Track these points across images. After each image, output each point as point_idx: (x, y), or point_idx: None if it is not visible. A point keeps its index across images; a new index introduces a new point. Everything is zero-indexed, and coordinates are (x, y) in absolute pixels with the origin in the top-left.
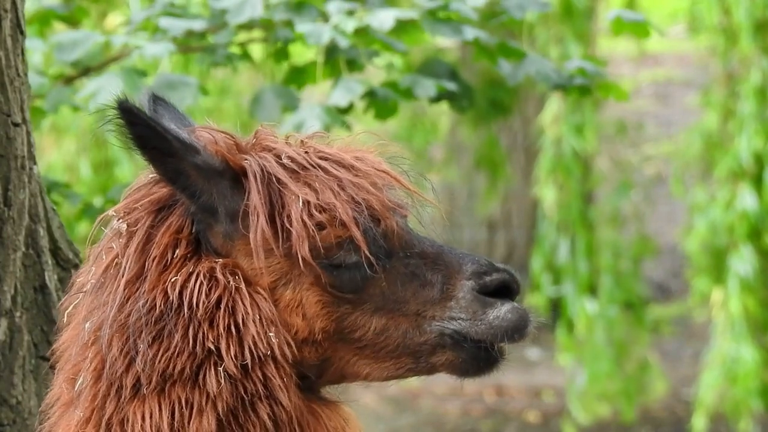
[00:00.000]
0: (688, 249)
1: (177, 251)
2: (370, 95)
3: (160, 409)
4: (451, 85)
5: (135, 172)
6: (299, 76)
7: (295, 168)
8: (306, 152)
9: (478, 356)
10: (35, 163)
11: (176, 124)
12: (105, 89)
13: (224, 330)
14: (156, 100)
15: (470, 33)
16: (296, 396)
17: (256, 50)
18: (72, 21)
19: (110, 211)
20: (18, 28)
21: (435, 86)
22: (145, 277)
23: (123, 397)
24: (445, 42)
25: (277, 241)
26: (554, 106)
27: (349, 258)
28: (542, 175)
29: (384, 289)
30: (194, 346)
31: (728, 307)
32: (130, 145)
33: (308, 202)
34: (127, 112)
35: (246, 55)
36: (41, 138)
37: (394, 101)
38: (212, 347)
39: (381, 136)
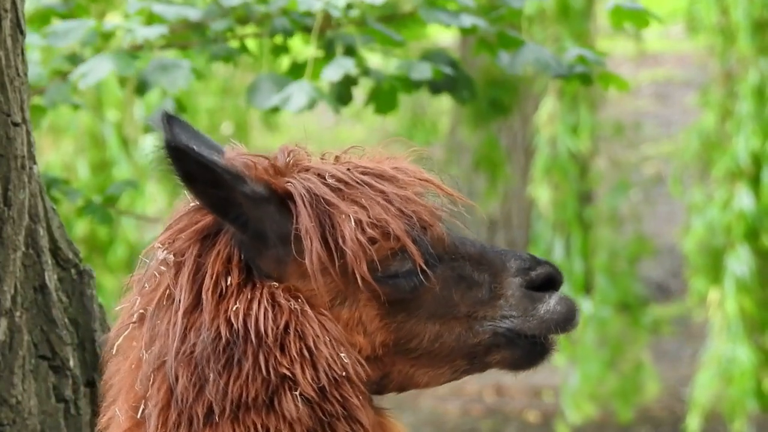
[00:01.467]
0: (686, 249)
1: (230, 279)
2: (365, 75)
3: None
4: (447, 69)
5: (133, 173)
6: (299, 72)
7: (340, 186)
8: (348, 169)
9: (531, 351)
10: (35, 163)
11: (194, 143)
12: (95, 70)
13: (297, 355)
14: (170, 119)
15: (468, 20)
16: (371, 413)
17: (254, 47)
18: (71, 19)
19: (155, 243)
20: (18, 28)
21: (431, 69)
22: (203, 308)
23: (195, 425)
24: (445, 41)
25: (333, 261)
26: (549, 105)
27: (403, 266)
28: (537, 174)
29: (435, 294)
30: (267, 373)
31: (725, 308)
32: (178, 181)
33: (360, 221)
34: (175, 150)
35: (244, 48)
36: (39, 138)
37: (393, 88)
38: (287, 373)
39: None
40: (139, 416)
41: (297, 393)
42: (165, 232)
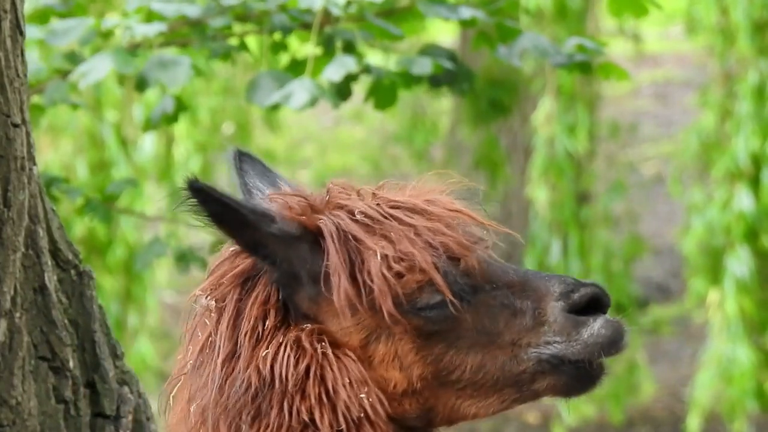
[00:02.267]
0: (685, 249)
1: (267, 322)
2: (365, 72)
3: None
4: (447, 64)
5: (132, 173)
6: (299, 68)
7: (369, 222)
8: (378, 204)
9: (578, 376)
10: (35, 164)
11: (261, 180)
12: (96, 69)
13: (316, 399)
14: (241, 156)
15: (467, 12)
16: None
17: (254, 46)
18: (70, 18)
19: (197, 290)
20: (17, 29)
21: (432, 64)
22: (240, 355)
23: None
24: (445, 41)
25: (361, 298)
26: (547, 105)
27: (432, 299)
28: (534, 175)
29: (475, 324)
30: (290, 420)
31: (724, 308)
32: (206, 222)
33: (386, 256)
34: (198, 191)
35: (243, 46)
36: (38, 138)
37: (393, 84)
38: (307, 419)
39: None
40: None
41: None
42: (208, 278)
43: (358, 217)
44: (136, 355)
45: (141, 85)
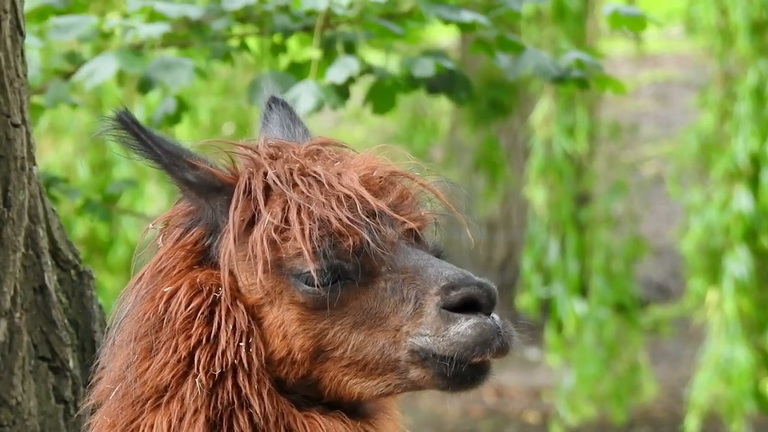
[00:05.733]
0: (684, 250)
1: (185, 262)
2: (368, 72)
3: (161, 422)
4: (449, 63)
5: (133, 173)
6: (298, 71)
7: (272, 186)
8: (290, 170)
9: (444, 373)
10: (35, 164)
11: (278, 131)
12: (101, 70)
13: (198, 341)
14: (273, 105)
15: (468, 16)
16: (276, 404)
17: (254, 47)
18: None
19: (150, 225)
20: (17, 29)
21: (433, 64)
22: (150, 289)
23: (132, 407)
24: (444, 41)
25: (245, 258)
26: (545, 106)
27: (305, 268)
28: (532, 176)
29: (363, 304)
30: (172, 358)
31: (723, 308)
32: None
33: (271, 223)
34: (125, 125)
35: (244, 46)
36: (39, 139)
37: (392, 87)
38: (187, 359)
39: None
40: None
41: (197, 380)
42: (164, 215)
43: (269, 180)
44: None
45: (144, 86)
